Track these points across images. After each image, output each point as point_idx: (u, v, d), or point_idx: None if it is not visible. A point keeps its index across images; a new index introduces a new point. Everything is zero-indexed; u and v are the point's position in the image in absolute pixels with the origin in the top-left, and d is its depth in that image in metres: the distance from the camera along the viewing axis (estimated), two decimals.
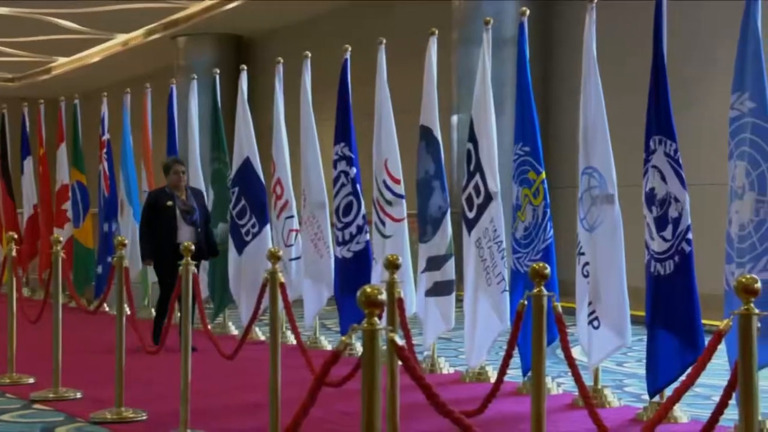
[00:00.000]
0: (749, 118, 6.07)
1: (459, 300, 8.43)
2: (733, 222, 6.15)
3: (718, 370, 6.31)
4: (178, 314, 8.16)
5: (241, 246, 10.50)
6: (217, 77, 11.56)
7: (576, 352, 8.38)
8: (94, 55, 25.73)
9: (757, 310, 3.74)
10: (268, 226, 10.49)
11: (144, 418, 6.70)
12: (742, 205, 6.09)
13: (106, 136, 13.97)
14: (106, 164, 13.72)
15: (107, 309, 12.56)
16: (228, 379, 8.08)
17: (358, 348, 7.59)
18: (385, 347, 3.97)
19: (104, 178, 13.73)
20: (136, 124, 13.73)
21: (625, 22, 12.91)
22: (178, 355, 6.29)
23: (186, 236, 9.26)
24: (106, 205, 13.68)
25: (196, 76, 12.49)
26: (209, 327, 7.48)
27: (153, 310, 10.97)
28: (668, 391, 6.03)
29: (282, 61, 10.67)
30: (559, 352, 5.03)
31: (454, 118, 15.29)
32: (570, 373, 5.12)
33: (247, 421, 6.62)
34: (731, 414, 3.97)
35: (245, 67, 11.21)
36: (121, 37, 23.90)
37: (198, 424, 6.29)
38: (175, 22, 21.90)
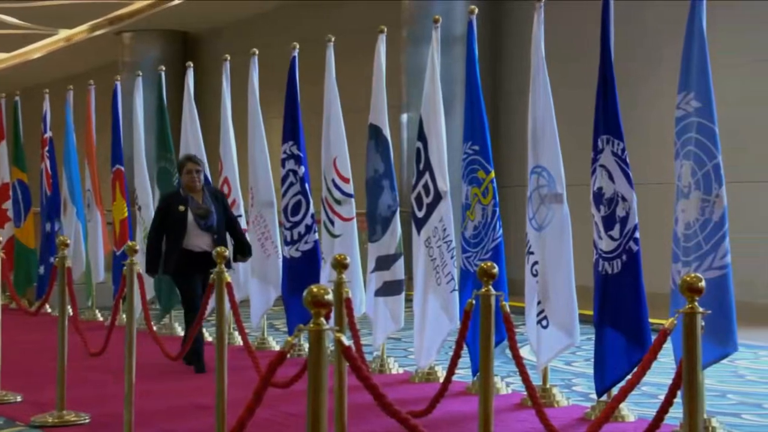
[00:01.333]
0: (695, 118, 6.15)
1: (409, 300, 8.44)
2: (680, 221, 6.23)
3: (664, 369, 6.39)
4: (122, 316, 8.01)
5: None
6: (163, 74, 11.48)
7: (525, 351, 8.46)
8: (35, 50, 25.31)
9: (701, 309, 3.80)
10: None
11: (87, 421, 6.66)
12: (688, 204, 6.17)
13: (49, 134, 13.81)
14: (48, 162, 13.60)
15: (49, 310, 12.42)
16: (174, 380, 8.04)
17: (306, 348, 7.58)
18: (332, 347, 3.99)
19: (46, 176, 13.61)
20: (79, 122, 13.53)
21: (573, 22, 13.03)
22: (122, 357, 6.24)
23: (200, 244, 8.41)
24: (48, 205, 13.55)
25: (141, 73, 12.38)
26: (154, 328, 7.43)
27: (124, 316, 10.81)
28: (616, 390, 6.10)
29: (229, 58, 10.65)
30: (509, 352, 5.06)
31: (404, 117, 15.32)
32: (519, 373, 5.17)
33: (192, 423, 6.59)
34: (677, 412, 4.02)
35: (192, 65, 11.18)
36: (64, 33, 23.49)
37: (142, 426, 6.26)
38: (120, 17, 21.59)
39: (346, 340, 3.32)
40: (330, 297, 3.00)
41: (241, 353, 7.44)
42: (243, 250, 8.83)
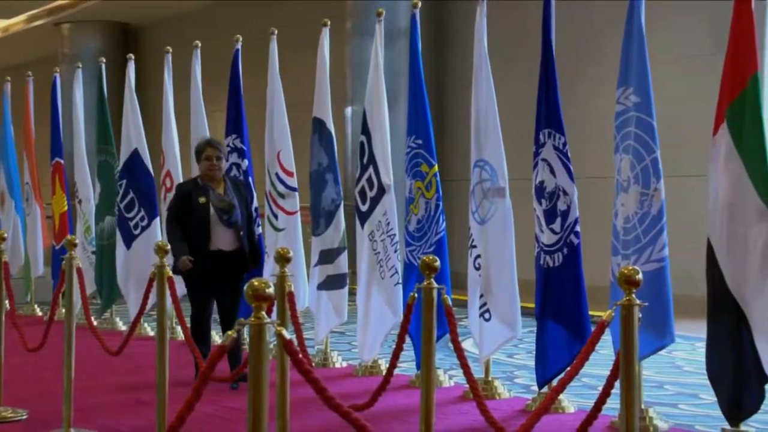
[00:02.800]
0: (634, 113, 6.23)
1: (352, 293, 8.47)
2: (619, 215, 6.30)
3: (604, 360, 6.47)
4: (61, 311, 7.80)
5: (129, 239, 10.33)
6: (104, 66, 11.32)
7: (468, 344, 8.54)
8: None
9: (638, 301, 3.86)
10: (157, 219, 10.33)
11: (24, 417, 6.60)
12: (627, 198, 6.25)
13: None
14: None
15: None
16: (114, 376, 7.98)
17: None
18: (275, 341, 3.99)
19: None
20: (17, 115, 13.33)
21: (515, 18, 13.12)
22: (61, 353, 6.18)
23: (223, 241, 7.43)
24: None
25: (81, 65, 12.17)
26: (94, 323, 7.37)
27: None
28: (556, 382, 6.17)
29: (171, 50, 10.54)
30: (452, 345, 5.11)
31: (348, 110, 15.32)
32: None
33: (132, 419, 6.56)
34: (615, 403, 4.09)
35: (133, 57, 11.04)
36: (1, 23, 23.19)
37: (82, 422, 6.22)
38: (59, 8, 21.33)
39: (288, 334, 3.33)
40: (271, 291, 3.01)
41: (183, 348, 7.42)
42: (254, 257, 7.70)
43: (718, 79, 5.85)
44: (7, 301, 6.93)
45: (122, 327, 10.87)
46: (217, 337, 8.99)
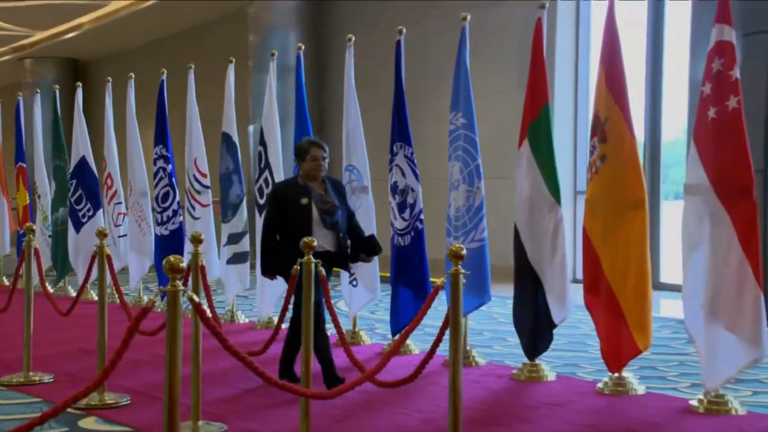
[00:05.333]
0: (462, 131, 6.33)
1: (253, 267, 8.38)
2: (452, 206, 6.40)
3: (439, 314, 6.54)
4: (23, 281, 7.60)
5: (78, 226, 10.17)
6: (57, 92, 11.02)
7: (342, 304, 8.54)
8: None
9: (463, 270, 3.91)
10: (100, 210, 10.20)
11: None
12: (457, 194, 6.34)
13: None
14: None
15: None
16: (65, 331, 7.77)
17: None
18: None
19: None
20: None
21: (375, 54, 13.07)
22: (21, 313, 6.02)
23: (325, 244, 5.46)
24: None
25: (39, 91, 11.91)
26: (50, 290, 7.15)
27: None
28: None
29: (111, 80, 10.32)
30: (326, 304, 5.10)
31: (250, 128, 15.11)
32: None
33: (78, 363, 6.41)
34: (447, 346, 4.15)
35: (81, 85, 10.78)
36: None
37: (39, 367, 6.07)
38: (23, 46, 20.68)
39: (197, 298, 3.29)
40: (183, 265, 2.97)
41: (120, 309, 7.24)
42: (374, 246, 5.78)
43: (522, 106, 6.00)
44: None
45: (73, 293, 10.56)
46: (72, 290, 8.77)
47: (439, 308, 7.18)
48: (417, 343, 6.85)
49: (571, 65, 11.98)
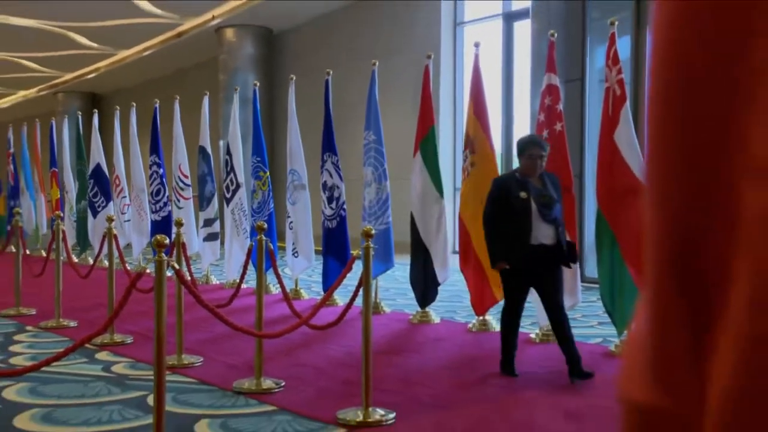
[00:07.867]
0: (373, 144, 6.24)
1: (222, 243, 8.16)
2: (366, 199, 6.30)
3: (357, 276, 6.42)
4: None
5: (95, 213, 9.90)
6: (80, 117, 10.92)
7: (287, 270, 8.37)
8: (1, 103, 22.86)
9: (372, 245, 3.79)
10: (111, 202, 9.86)
11: (33, 312, 6.19)
12: (370, 190, 6.26)
13: (11, 150, 12.68)
14: (11, 167, 12.64)
15: (14, 250, 11.14)
16: (84, 290, 7.38)
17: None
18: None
19: (11, 175, 12.65)
20: (30, 146, 12.48)
21: (311, 89, 12.77)
22: (53, 276, 5.71)
23: (543, 235, 3.98)
24: (12, 191, 12.62)
25: (67, 117, 11.75)
26: (74, 260, 6.79)
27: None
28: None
29: (119, 108, 9.96)
30: (273, 271, 4.96)
31: (220, 142, 14.70)
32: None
33: (95, 313, 6.16)
34: (361, 300, 4.05)
35: (96, 111, 10.44)
36: (21, 93, 21.42)
37: (67, 315, 5.86)
38: (56, 84, 19.94)
39: (177, 266, 3.12)
40: (167, 242, 2.80)
41: (125, 274, 6.94)
42: (571, 255, 4.04)
43: (416, 127, 5.94)
44: (22, 247, 6.34)
45: (90, 262, 10.09)
46: (91, 260, 8.48)
47: (356, 272, 7.08)
48: (340, 297, 6.74)
49: (450, 98, 12.00)
